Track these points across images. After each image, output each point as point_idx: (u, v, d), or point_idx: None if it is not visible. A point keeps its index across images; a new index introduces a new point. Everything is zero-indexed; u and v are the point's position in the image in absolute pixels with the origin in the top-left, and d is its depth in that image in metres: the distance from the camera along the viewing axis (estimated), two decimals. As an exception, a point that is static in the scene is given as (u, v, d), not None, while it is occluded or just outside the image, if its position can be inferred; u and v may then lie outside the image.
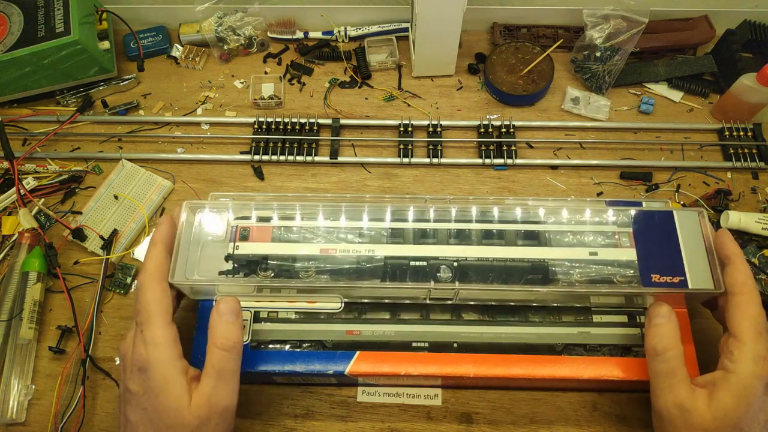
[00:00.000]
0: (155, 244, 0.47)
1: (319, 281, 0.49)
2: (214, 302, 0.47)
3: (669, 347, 0.43)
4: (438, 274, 0.49)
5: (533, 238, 0.51)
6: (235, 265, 0.50)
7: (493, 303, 0.51)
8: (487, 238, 0.51)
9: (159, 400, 0.42)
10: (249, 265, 0.50)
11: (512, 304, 0.51)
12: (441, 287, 0.48)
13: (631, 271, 0.49)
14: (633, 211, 0.51)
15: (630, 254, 0.49)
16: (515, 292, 0.49)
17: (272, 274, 0.50)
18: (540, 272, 0.49)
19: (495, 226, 0.51)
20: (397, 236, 0.51)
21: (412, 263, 0.49)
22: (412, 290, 0.49)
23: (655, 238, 0.49)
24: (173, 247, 0.48)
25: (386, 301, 0.51)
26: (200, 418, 0.42)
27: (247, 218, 0.52)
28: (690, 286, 0.47)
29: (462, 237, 0.51)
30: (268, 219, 0.52)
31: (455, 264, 0.49)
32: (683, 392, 0.42)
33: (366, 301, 0.51)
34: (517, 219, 0.52)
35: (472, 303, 0.51)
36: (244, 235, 0.51)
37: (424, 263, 0.49)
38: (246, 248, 0.50)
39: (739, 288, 0.44)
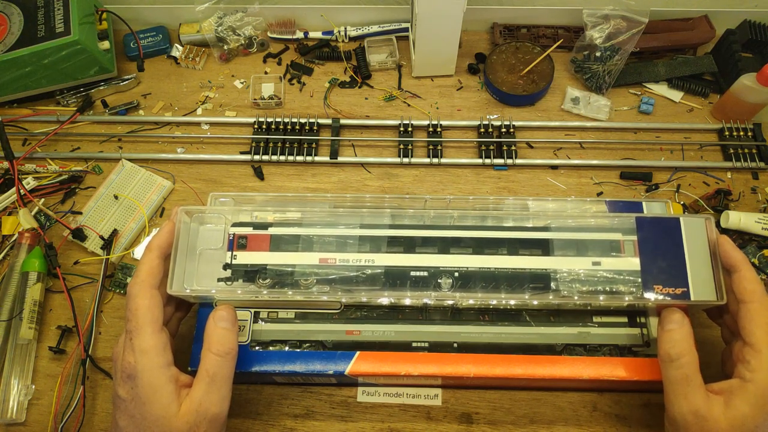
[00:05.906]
0: (151, 251, 0.46)
1: (319, 292, 0.49)
2: (213, 306, 0.46)
3: (683, 353, 0.43)
4: (439, 281, 0.48)
5: (536, 247, 0.50)
6: (233, 274, 0.49)
7: (493, 307, 0.51)
8: (489, 246, 0.50)
9: (146, 408, 0.41)
10: (247, 274, 0.49)
11: (512, 311, 0.51)
12: (441, 297, 0.48)
13: (633, 280, 0.48)
14: (638, 218, 0.49)
15: (633, 264, 0.48)
16: (516, 301, 0.49)
17: (271, 283, 0.49)
18: (542, 281, 0.49)
19: (496, 234, 0.50)
20: (397, 245, 0.50)
21: (413, 273, 0.49)
22: (413, 299, 0.49)
23: (660, 247, 0.48)
24: (170, 254, 0.47)
25: (386, 303, 0.51)
26: (189, 424, 0.41)
27: (245, 225, 0.51)
28: (692, 298, 0.46)
29: (463, 245, 0.50)
30: (265, 226, 0.51)
31: (456, 274, 0.49)
32: (699, 399, 0.42)
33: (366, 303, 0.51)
34: (519, 227, 0.51)
35: (471, 304, 0.51)
36: (242, 244, 0.50)
37: (425, 273, 0.49)
38: (244, 258, 0.49)
39: (750, 296, 0.44)
